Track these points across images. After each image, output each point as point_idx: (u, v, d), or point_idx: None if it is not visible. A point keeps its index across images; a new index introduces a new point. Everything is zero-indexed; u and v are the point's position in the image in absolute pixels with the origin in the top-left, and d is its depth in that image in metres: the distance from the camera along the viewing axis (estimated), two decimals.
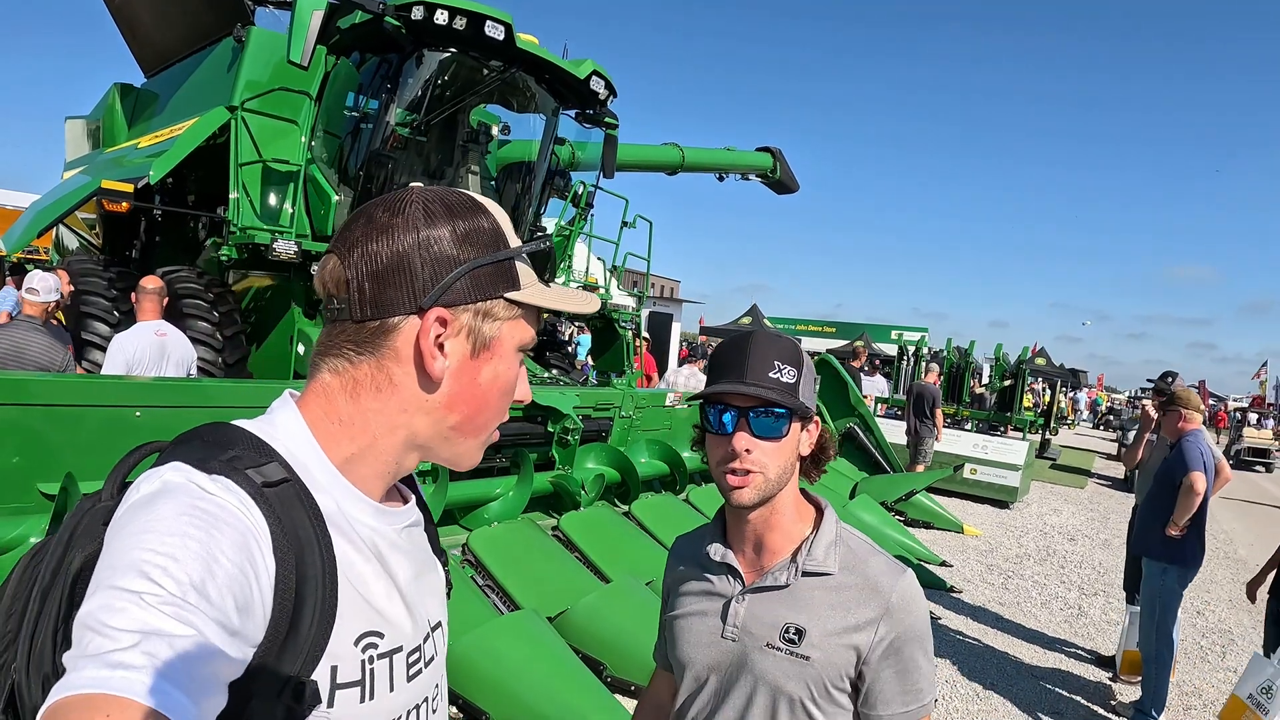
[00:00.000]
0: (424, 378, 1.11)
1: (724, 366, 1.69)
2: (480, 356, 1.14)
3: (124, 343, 6.41)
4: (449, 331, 1.10)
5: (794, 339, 1.75)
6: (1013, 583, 9.66)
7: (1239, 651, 8.03)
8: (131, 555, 0.87)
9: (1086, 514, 15.30)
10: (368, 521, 1.13)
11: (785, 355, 1.67)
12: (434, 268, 1.08)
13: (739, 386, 1.63)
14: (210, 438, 1.05)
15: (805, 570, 1.72)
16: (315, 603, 1.00)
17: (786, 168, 14.73)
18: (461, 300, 1.10)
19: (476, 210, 1.14)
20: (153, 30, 10.08)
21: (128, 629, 0.82)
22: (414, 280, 1.07)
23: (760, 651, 1.69)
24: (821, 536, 1.75)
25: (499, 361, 1.16)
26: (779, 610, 1.71)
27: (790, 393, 1.64)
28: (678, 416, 8.98)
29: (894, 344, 31.62)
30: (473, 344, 1.13)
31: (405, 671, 1.14)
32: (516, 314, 1.16)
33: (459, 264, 1.09)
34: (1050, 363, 31.41)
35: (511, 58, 7.91)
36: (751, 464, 1.65)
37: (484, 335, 1.13)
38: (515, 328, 1.17)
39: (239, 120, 7.60)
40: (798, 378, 1.66)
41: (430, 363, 1.09)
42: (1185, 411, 6.19)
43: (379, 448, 1.13)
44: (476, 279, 1.11)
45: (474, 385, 1.14)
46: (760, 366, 1.64)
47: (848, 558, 1.74)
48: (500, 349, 1.15)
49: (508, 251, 1.14)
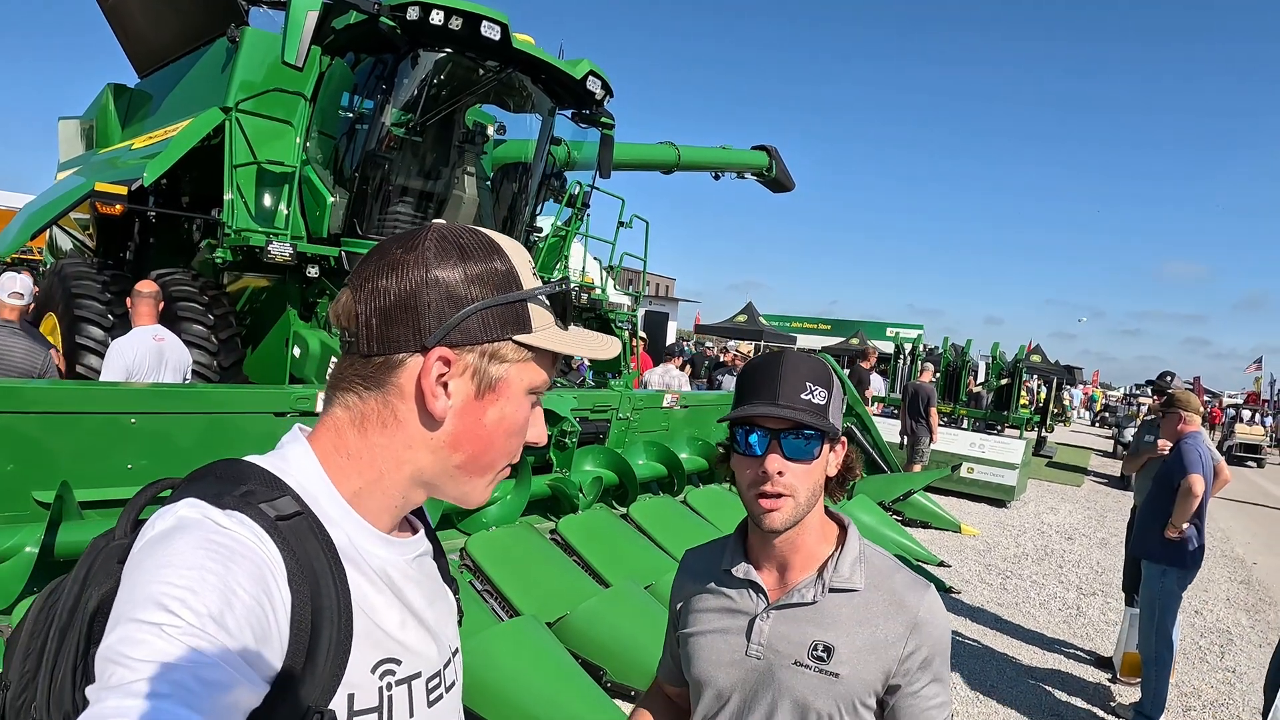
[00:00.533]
0: (426, 416, 1.11)
1: (755, 387, 1.67)
2: (485, 398, 1.13)
3: (123, 348, 6.39)
4: (453, 371, 1.10)
5: (823, 359, 1.72)
6: (1011, 583, 9.66)
7: (1237, 651, 8.03)
8: (150, 589, 0.88)
9: (1084, 512, 15.32)
10: (378, 553, 1.14)
11: (817, 376, 1.66)
12: (441, 307, 1.08)
13: (772, 409, 1.62)
14: (223, 473, 1.06)
15: (832, 587, 1.71)
16: (331, 633, 1.02)
17: (782, 166, 14.71)
18: (468, 340, 1.10)
19: (491, 251, 1.13)
20: (146, 30, 10.05)
21: (149, 660, 0.83)
22: (420, 318, 1.08)
23: (788, 669, 1.68)
24: (846, 553, 1.75)
25: (506, 403, 1.15)
26: (806, 628, 1.70)
27: (821, 414, 1.64)
28: (675, 417, 8.97)
29: (890, 341, 31.66)
30: (478, 385, 1.12)
31: (425, 697, 1.16)
32: (527, 356, 1.15)
33: (468, 304, 1.09)
34: (1046, 360, 31.44)
35: (508, 58, 7.88)
36: (783, 487, 1.64)
37: (490, 376, 1.13)
38: (525, 370, 1.16)
39: (233, 121, 7.56)
40: (828, 399, 1.65)
41: (432, 401, 1.09)
42: (1185, 414, 6.19)
43: (385, 482, 1.13)
44: (485, 320, 1.10)
45: (478, 425, 1.13)
46: (793, 388, 1.63)
47: (872, 574, 1.74)
48: (507, 390, 1.14)
49: (518, 294, 1.13)
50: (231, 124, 7.56)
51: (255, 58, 7.96)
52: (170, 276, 7.98)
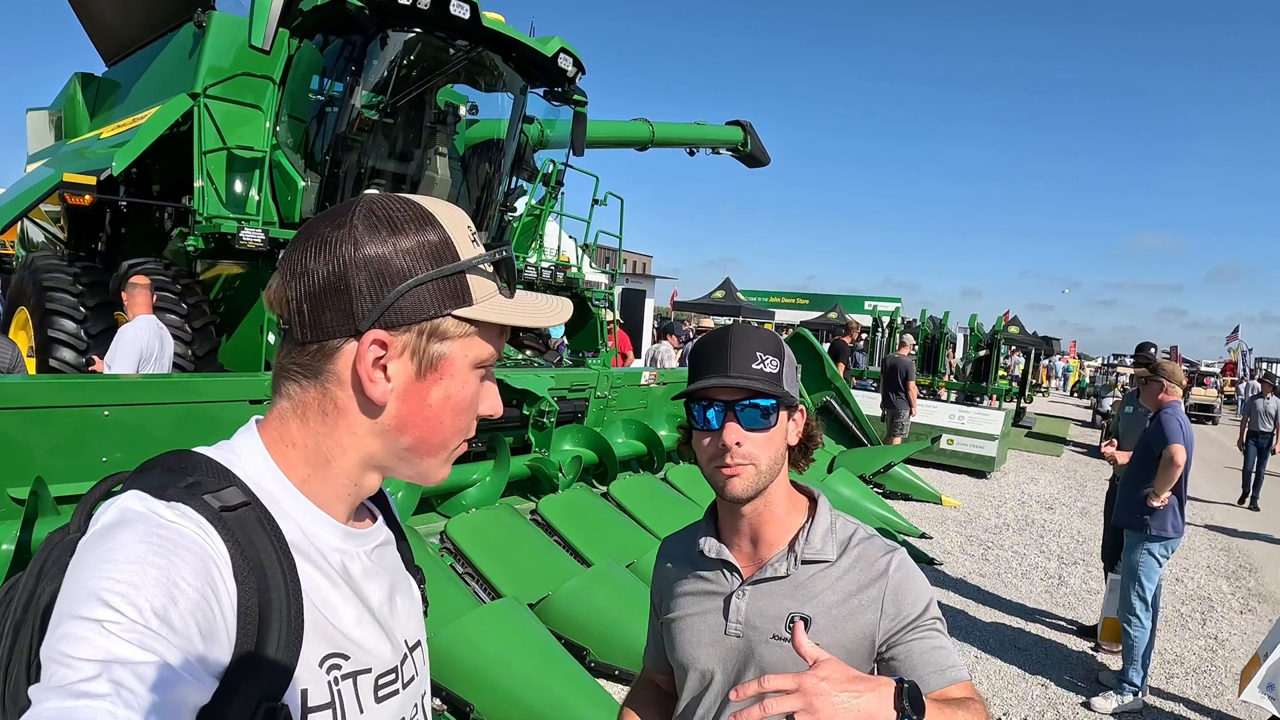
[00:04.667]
0: (366, 401, 1.06)
1: (706, 362, 1.67)
2: (428, 378, 1.08)
3: (136, 332, 6.46)
4: (390, 353, 1.05)
5: (772, 331, 1.72)
6: (992, 553, 9.71)
7: (1219, 618, 8.10)
8: (92, 584, 0.86)
9: (1064, 482, 15.43)
10: (336, 544, 1.11)
11: (766, 346, 1.66)
12: (373, 286, 1.03)
13: (724, 380, 1.62)
14: (171, 465, 1.03)
15: (804, 558, 1.71)
16: (280, 625, 0.98)
17: (757, 141, 14.68)
18: (404, 320, 1.04)
19: (424, 221, 1.07)
20: (112, 18, 9.97)
21: (90, 658, 0.81)
22: (351, 301, 1.02)
23: (767, 644, 1.68)
24: (817, 524, 1.75)
25: (450, 381, 1.10)
26: (782, 601, 1.70)
27: (774, 382, 1.64)
28: (653, 395, 8.96)
29: (868, 315, 31.68)
30: (419, 365, 1.07)
31: (374, 694, 1.12)
32: (470, 330, 1.10)
33: (401, 281, 1.03)
34: (1024, 331, 31.53)
35: (478, 37, 7.84)
36: (743, 457, 1.64)
37: (431, 355, 1.07)
38: (469, 345, 1.10)
39: (201, 107, 7.50)
40: (780, 367, 1.65)
41: (370, 387, 1.04)
42: (1167, 384, 6.21)
43: (333, 470, 1.10)
44: (420, 296, 1.05)
45: (423, 407, 1.09)
46: (743, 359, 1.63)
47: (845, 543, 1.74)
48: (451, 369, 1.09)
49: (454, 265, 1.07)
50: (200, 110, 7.51)
51: (222, 42, 7.89)
52: (143, 266, 7.91)
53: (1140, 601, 5.98)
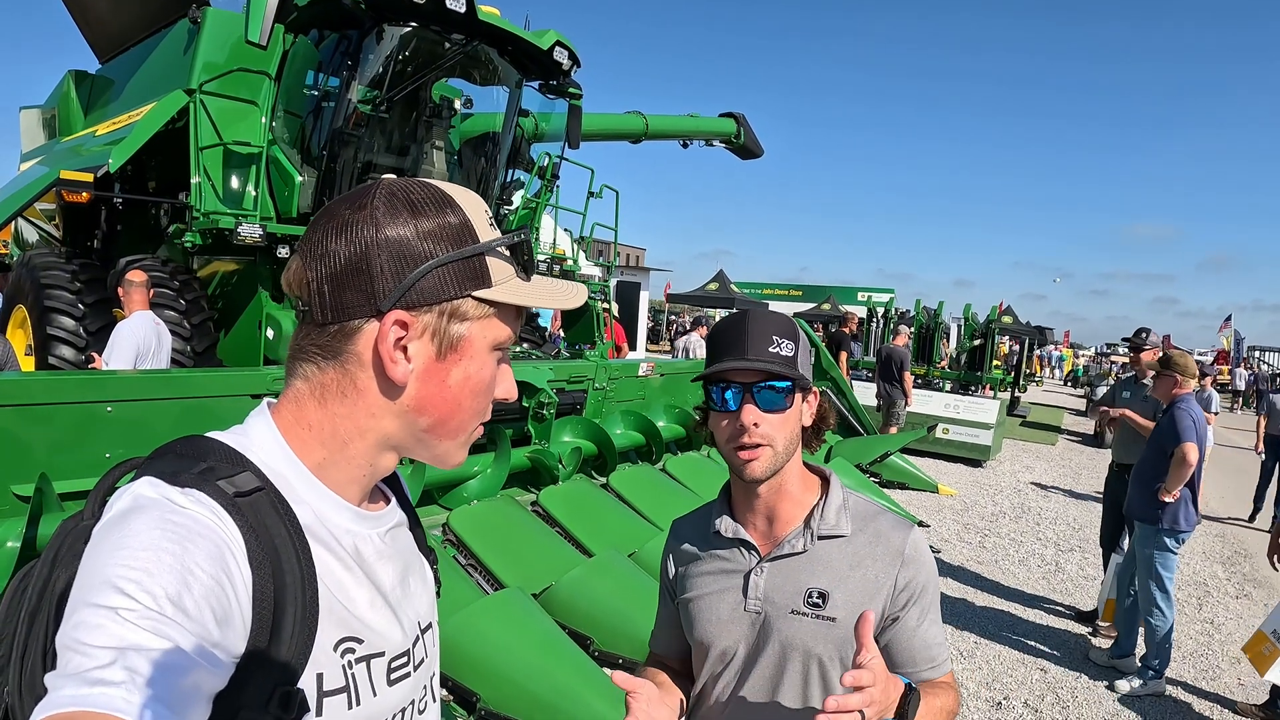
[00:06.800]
0: (386, 382, 1.08)
1: (724, 345, 1.71)
2: (448, 359, 1.10)
3: (133, 329, 6.46)
4: (411, 334, 1.07)
5: (788, 315, 1.76)
6: (990, 541, 9.77)
7: (1214, 603, 8.16)
8: (106, 572, 0.86)
9: (1059, 470, 15.48)
10: (349, 527, 1.13)
11: (782, 330, 1.71)
12: (394, 267, 1.04)
13: (741, 363, 1.66)
14: (183, 451, 1.04)
15: (820, 534, 1.77)
16: (295, 610, 1.00)
17: (750, 132, 14.66)
18: (425, 301, 1.06)
19: (444, 204, 1.09)
20: (106, 14, 9.94)
21: (105, 645, 0.81)
22: (372, 282, 1.04)
23: (786, 619, 1.73)
24: (831, 501, 1.80)
25: (470, 362, 1.11)
26: (800, 576, 1.75)
27: (791, 365, 1.68)
28: (652, 386, 8.97)
29: (862, 306, 31.64)
30: (438, 346, 1.09)
31: (386, 676, 1.13)
32: (489, 312, 1.11)
33: (422, 262, 1.05)
34: (1017, 321, 31.57)
35: (473, 31, 7.82)
36: (760, 437, 1.69)
37: (451, 336, 1.09)
38: (488, 326, 1.12)
39: (198, 103, 7.50)
40: (795, 350, 1.70)
41: (391, 367, 1.06)
42: (1180, 377, 6.18)
43: (350, 451, 1.11)
44: (440, 278, 1.06)
45: (443, 388, 1.11)
46: (760, 342, 1.67)
47: (858, 519, 1.80)
48: (470, 349, 1.11)
49: (474, 247, 1.09)
50: (196, 106, 7.50)
51: (218, 38, 7.91)
52: (141, 263, 7.91)
53: (1161, 593, 6.01)
